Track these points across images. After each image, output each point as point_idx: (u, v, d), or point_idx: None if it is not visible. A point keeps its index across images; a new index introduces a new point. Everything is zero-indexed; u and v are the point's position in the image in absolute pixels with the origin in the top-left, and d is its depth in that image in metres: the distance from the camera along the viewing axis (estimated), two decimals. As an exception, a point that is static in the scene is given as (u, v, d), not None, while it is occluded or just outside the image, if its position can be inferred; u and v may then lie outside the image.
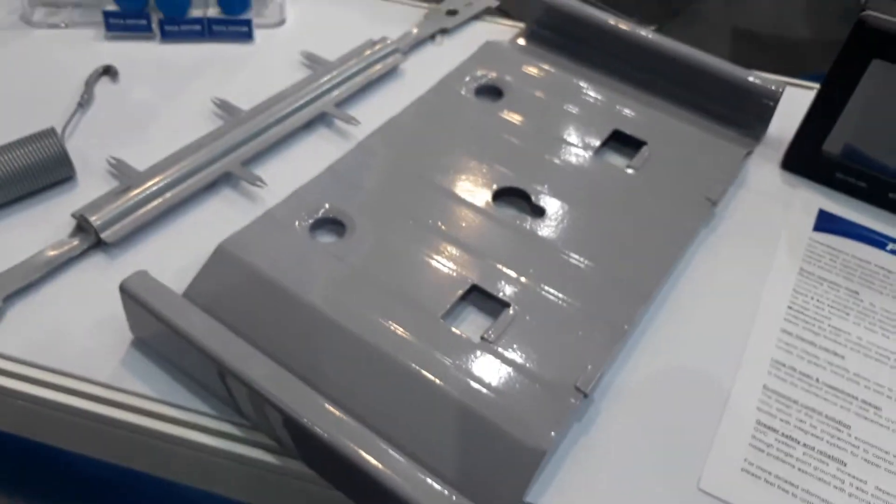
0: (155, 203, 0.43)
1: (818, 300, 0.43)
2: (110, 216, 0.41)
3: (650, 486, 0.35)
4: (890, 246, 0.47)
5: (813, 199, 0.50)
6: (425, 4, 0.63)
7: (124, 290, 0.35)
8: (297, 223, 0.42)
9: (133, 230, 0.42)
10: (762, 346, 0.41)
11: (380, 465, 0.30)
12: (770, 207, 0.49)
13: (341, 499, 0.33)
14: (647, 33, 0.55)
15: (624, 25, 0.56)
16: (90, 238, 0.41)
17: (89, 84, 0.51)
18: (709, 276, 0.44)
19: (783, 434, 0.37)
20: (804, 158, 0.51)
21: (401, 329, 0.37)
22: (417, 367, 0.35)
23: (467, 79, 0.53)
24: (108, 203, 0.42)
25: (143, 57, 0.55)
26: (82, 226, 0.41)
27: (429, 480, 0.30)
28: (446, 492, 0.30)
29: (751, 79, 0.52)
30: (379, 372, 0.35)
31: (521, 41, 0.59)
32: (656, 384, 0.39)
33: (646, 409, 0.37)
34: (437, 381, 0.35)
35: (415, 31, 0.59)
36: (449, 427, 0.33)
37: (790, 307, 0.43)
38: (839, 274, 0.45)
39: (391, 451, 0.31)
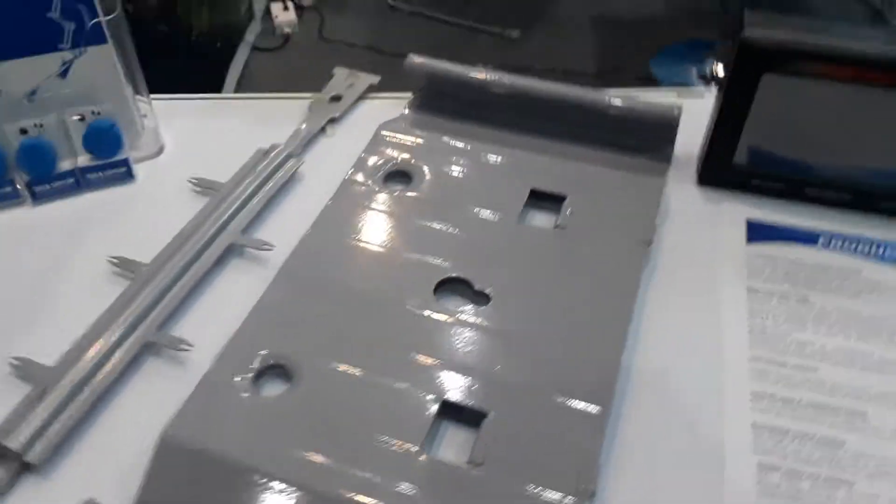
0: (78, 402, 0.39)
1: (774, 317, 0.44)
2: (30, 433, 0.37)
3: (679, 570, 0.33)
4: (821, 240, 0.48)
5: (737, 210, 0.51)
6: (304, 95, 0.60)
7: (72, 530, 0.31)
8: (237, 383, 0.38)
9: (60, 441, 0.37)
10: (738, 382, 0.40)
11: None
12: (700, 230, 0.49)
13: None
14: (534, 83, 0.55)
15: (508, 79, 0.55)
16: (14, 464, 0.36)
17: (-36, 275, 0.46)
18: (664, 320, 0.44)
19: (786, 471, 0.36)
20: (718, 172, 0.51)
21: (385, 479, 0.34)
22: (414, 519, 0.33)
23: (364, 173, 0.51)
24: (23, 418, 0.37)
25: (16, 226, 0.50)
26: (0, 453, 0.37)
27: None
28: None
29: (646, 106, 0.52)
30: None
31: (412, 113, 0.57)
32: (650, 455, 0.37)
33: (647, 485, 0.36)
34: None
35: (303, 127, 0.56)
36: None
37: (750, 331, 0.43)
38: (783, 282, 0.46)
39: None
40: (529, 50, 1.92)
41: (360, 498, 0.33)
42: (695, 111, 0.51)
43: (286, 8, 1.98)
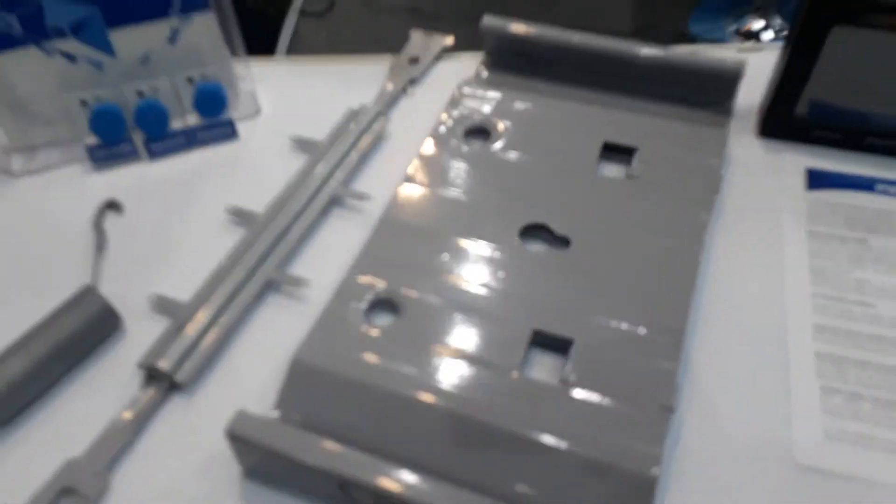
0: (214, 332, 0.44)
1: (834, 258, 0.47)
2: (177, 357, 0.42)
3: (755, 471, 0.38)
4: (879, 187, 0.51)
5: (797, 159, 0.54)
6: (385, 56, 0.65)
7: (233, 435, 0.36)
8: (352, 315, 0.44)
9: (203, 364, 0.43)
10: (801, 315, 0.44)
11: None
12: (761, 178, 0.53)
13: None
14: (600, 40, 0.58)
15: (576, 37, 0.58)
16: (164, 384, 0.42)
17: (98, 224, 0.52)
18: (731, 260, 0.48)
19: (848, 394, 0.41)
20: (780, 124, 0.54)
21: (485, 394, 0.39)
22: (523, 431, 0.37)
23: (447, 129, 0.55)
24: (169, 345, 0.43)
25: (137, 181, 0.55)
26: (152, 374, 0.42)
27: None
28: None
29: (710, 61, 0.55)
30: (486, 443, 0.38)
31: (485, 72, 0.61)
32: (721, 378, 0.42)
33: (720, 405, 0.41)
34: (550, 438, 0.37)
35: (389, 87, 0.60)
36: (571, 479, 0.36)
37: (812, 271, 0.47)
38: (843, 227, 0.49)
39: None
40: (566, 9, 1.92)
41: (457, 408, 0.38)
42: (758, 68, 0.54)
43: (330, -26, 2.02)
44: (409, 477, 0.35)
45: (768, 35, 1.79)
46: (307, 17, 1.91)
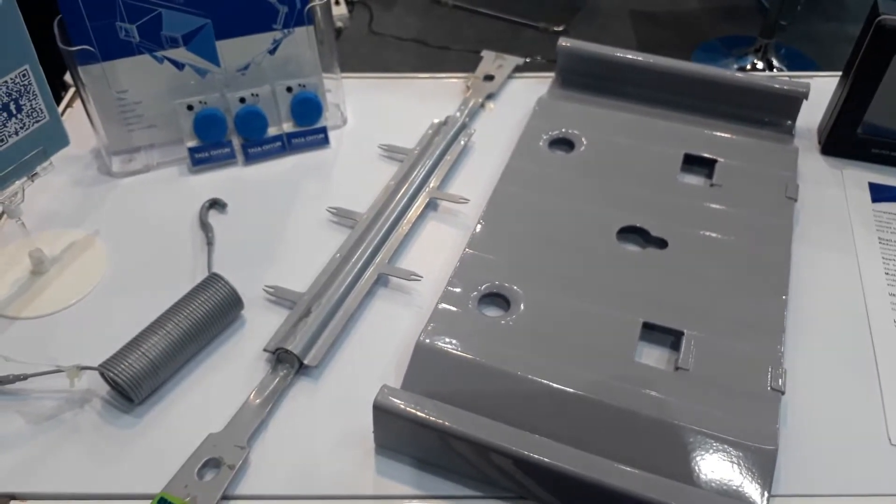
0: (336, 319, 0.46)
1: (906, 262, 0.51)
2: (305, 341, 0.45)
3: (854, 452, 0.41)
4: (939, 201, 0.55)
5: (860, 175, 0.58)
6: (458, 74, 0.68)
7: (379, 407, 0.39)
8: (466, 305, 0.46)
9: (329, 347, 0.45)
10: (882, 314, 0.48)
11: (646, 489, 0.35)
12: (829, 191, 0.57)
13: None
14: (671, 62, 0.62)
15: (648, 59, 0.62)
16: (293, 366, 0.44)
17: (204, 221, 0.54)
18: (811, 262, 0.51)
19: (934, 381, 0.44)
20: (843, 143, 0.59)
21: (602, 377, 0.42)
22: (647, 411, 0.40)
23: (532, 139, 0.59)
24: (295, 330, 0.45)
25: (234, 183, 0.58)
26: (281, 357, 0.44)
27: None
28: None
29: (780, 83, 0.59)
30: (608, 423, 0.40)
31: (557, 90, 0.65)
32: (815, 369, 0.45)
33: (818, 392, 0.44)
34: (673, 417, 0.40)
35: (470, 102, 0.64)
36: (696, 454, 0.39)
37: (887, 273, 0.50)
38: (910, 235, 0.53)
39: (659, 479, 0.36)
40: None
41: (575, 391, 0.41)
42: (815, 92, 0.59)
43: (338, 3, 2.08)
44: (554, 446, 0.37)
45: (768, 76, 1.88)
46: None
